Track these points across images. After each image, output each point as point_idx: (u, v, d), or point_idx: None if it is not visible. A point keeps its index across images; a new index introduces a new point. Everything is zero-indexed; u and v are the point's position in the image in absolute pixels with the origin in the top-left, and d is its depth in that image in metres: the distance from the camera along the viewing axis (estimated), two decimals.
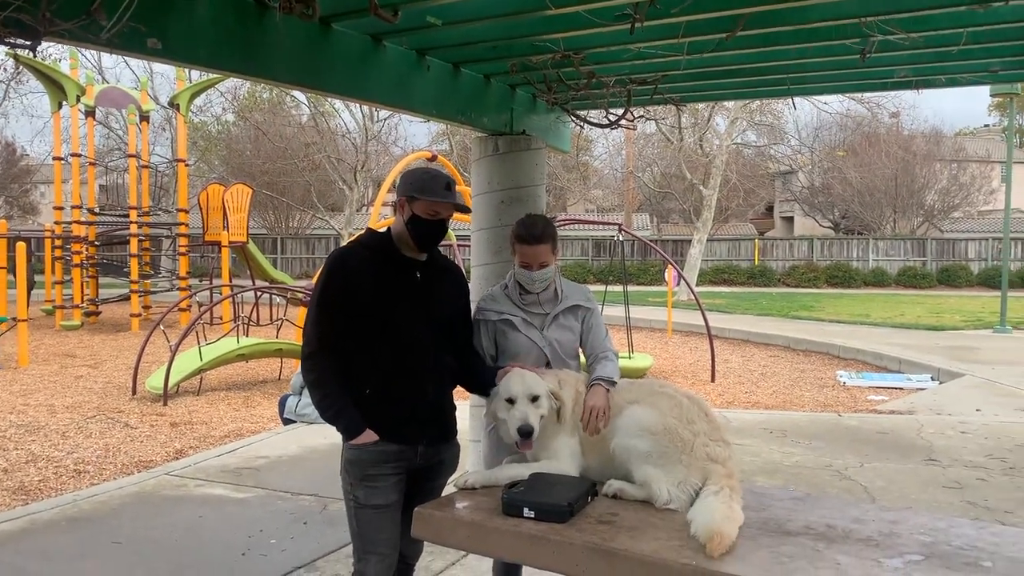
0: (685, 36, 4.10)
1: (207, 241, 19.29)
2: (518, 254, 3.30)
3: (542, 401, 3.01)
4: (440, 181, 3.03)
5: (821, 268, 33.86)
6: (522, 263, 3.29)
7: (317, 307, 3.03)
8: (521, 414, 2.96)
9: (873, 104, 28.70)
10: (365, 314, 2.99)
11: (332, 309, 3.00)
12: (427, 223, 3.03)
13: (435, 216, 3.03)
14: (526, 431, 2.95)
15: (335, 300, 3.00)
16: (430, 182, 3.02)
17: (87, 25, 2.86)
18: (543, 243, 3.26)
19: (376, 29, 4.11)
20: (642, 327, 17.17)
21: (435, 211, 3.02)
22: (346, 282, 2.99)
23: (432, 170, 3.12)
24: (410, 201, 3.02)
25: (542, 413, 3.00)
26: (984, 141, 48.06)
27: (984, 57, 4.67)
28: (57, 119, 18.94)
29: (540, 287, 3.32)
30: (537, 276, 3.28)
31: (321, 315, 3.02)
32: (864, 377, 11.95)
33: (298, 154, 33.71)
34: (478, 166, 5.54)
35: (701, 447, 2.87)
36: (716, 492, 2.71)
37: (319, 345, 3.01)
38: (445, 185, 3.02)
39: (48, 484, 6.70)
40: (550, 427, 3.03)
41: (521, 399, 2.99)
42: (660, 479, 2.81)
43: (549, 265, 3.29)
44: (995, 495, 6.07)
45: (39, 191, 49.28)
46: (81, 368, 12.67)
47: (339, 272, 3.02)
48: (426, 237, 3.06)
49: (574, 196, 44.90)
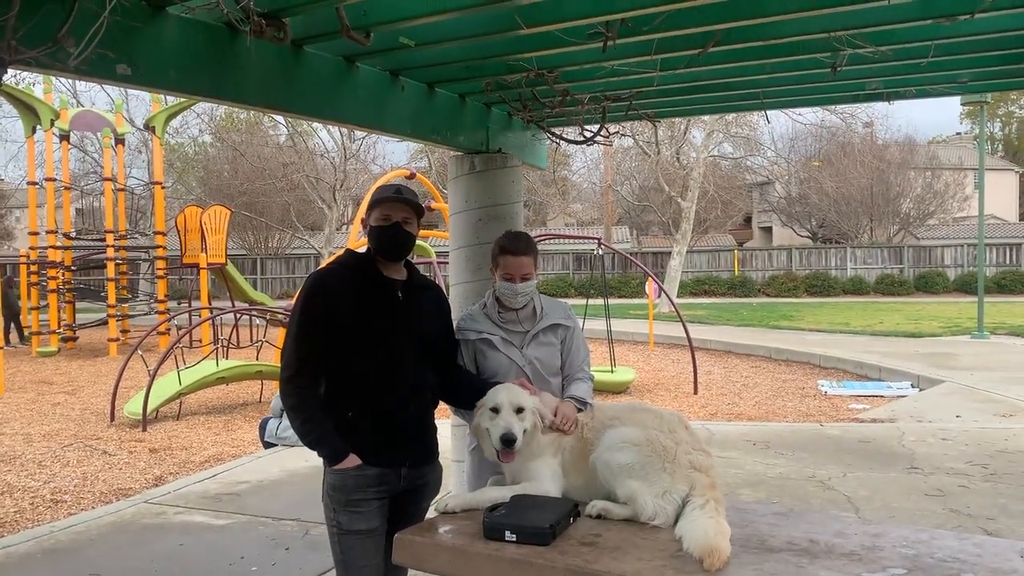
0: (658, 53, 4.13)
1: (185, 263, 19.16)
2: (501, 266, 3.27)
3: (527, 415, 2.98)
4: (389, 188, 3.07)
5: (800, 277, 34.12)
6: (505, 275, 3.26)
7: (296, 329, 2.99)
8: (505, 423, 2.93)
9: (847, 115, 29.02)
10: (346, 335, 2.96)
11: (312, 331, 2.96)
12: (382, 229, 3.02)
13: (388, 220, 3.02)
14: (509, 439, 2.91)
15: (315, 321, 2.96)
16: (379, 192, 3.09)
17: (54, 53, 2.84)
18: (527, 255, 3.26)
19: (349, 51, 4.10)
20: (624, 340, 17.21)
21: (386, 215, 3.01)
22: (326, 303, 2.96)
23: (385, 184, 3.20)
24: (368, 213, 3.07)
25: (526, 427, 2.97)
26: (957, 148, 48.73)
27: (953, 68, 4.74)
28: (31, 143, 18.78)
29: (521, 302, 3.30)
30: (520, 289, 3.26)
31: (300, 337, 2.97)
32: (845, 386, 12.02)
33: (276, 174, 33.61)
34: (455, 184, 5.54)
35: (684, 455, 2.84)
36: (702, 506, 2.69)
37: (298, 368, 2.96)
38: (395, 190, 3.05)
39: (24, 515, 6.59)
40: (532, 448, 3.00)
41: (506, 408, 2.97)
42: (643, 492, 2.77)
43: (531, 279, 3.28)
44: (977, 502, 6.09)
45: (14, 216, 48.81)
46: (58, 395, 12.50)
47: (319, 293, 2.98)
48: (386, 243, 3.04)
49: (553, 210, 45.07)
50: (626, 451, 2.85)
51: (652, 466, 2.81)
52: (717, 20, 3.71)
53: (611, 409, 3.15)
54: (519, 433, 2.93)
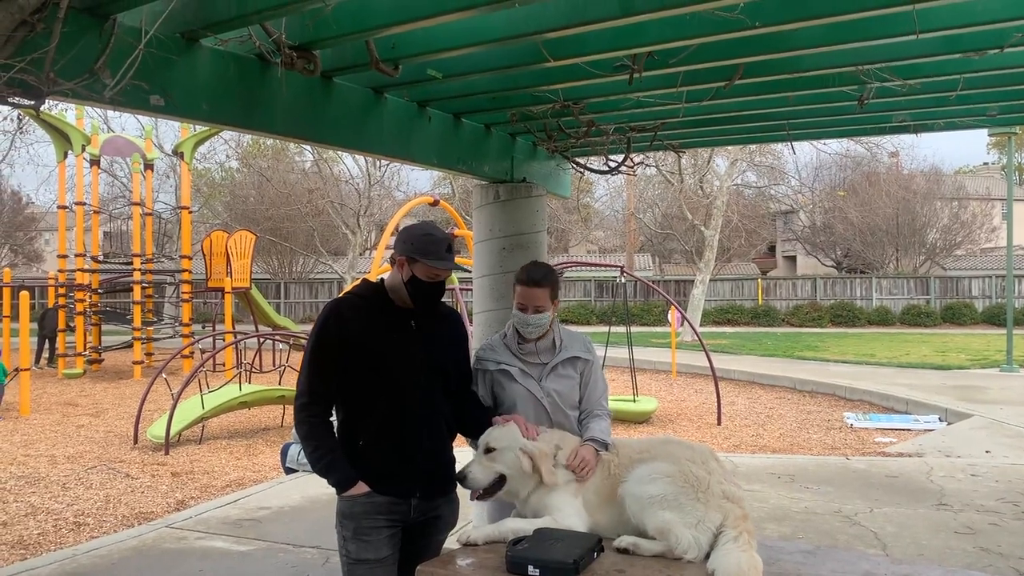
0: (683, 85, 4.14)
1: (210, 287, 19.33)
2: (517, 295, 3.28)
3: (502, 455, 2.99)
4: (442, 245, 2.98)
5: (825, 307, 33.78)
6: (519, 305, 3.27)
7: (310, 358, 3.01)
8: (467, 463, 3.02)
9: (872, 144, 28.97)
10: (359, 364, 2.97)
11: (325, 360, 2.98)
12: (427, 285, 3.01)
13: (435, 279, 3.01)
14: (459, 478, 3.03)
15: (328, 351, 2.97)
16: (432, 245, 2.96)
17: (90, 84, 2.89)
18: (541, 287, 3.24)
19: (377, 82, 4.15)
20: (646, 368, 17.11)
21: (435, 274, 3.00)
22: (340, 332, 2.97)
23: (432, 231, 3.03)
24: (410, 262, 2.98)
25: (499, 469, 2.99)
26: (984, 179, 48.28)
27: (981, 102, 4.70)
28: (62, 168, 19.11)
29: (535, 333, 3.29)
30: (532, 320, 3.25)
31: (313, 366, 2.99)
32: (871, 419, 11.85)
33: (301, 199, 33.94)
34: (479, 213, 5.56)
35: (717, 484, 2.82)
36: (735, 538, 2.66)
37: (310, 398, 2.99)
38: (447, 248, 2.99)
39: (47, 537, 6.62)
40: (531, 485, 3.00)
41: (480, 449, 3.05)
42: (677, 523, 2.72)
43: (545, 311, 3.26)
44: (1008, 540, 5.96)
45: (44, 239, 49.59)
46: (83, 417, 12.61)
47: (333, 323, 2.99)
48: (426, 298, 3.04)
49: (576, 238, 45.11)
50: (658, 482, 2.83)
51: (686, 496, 2.78)
52: (743, 53, 3.72)
53: (639, 443, 3.13)
54: (477, 475, 3.00)
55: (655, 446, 3.04)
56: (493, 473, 2.97)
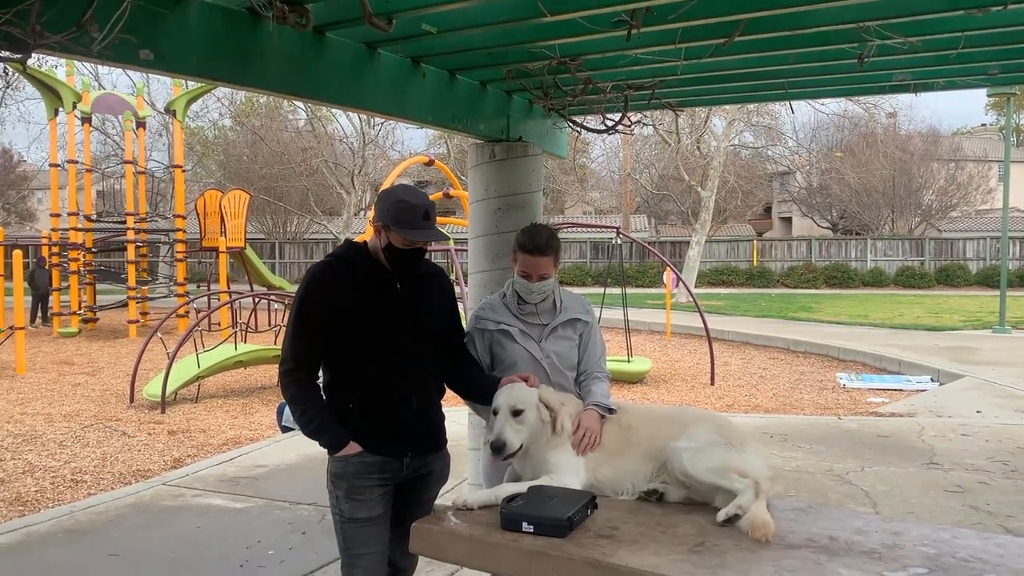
0: (682, 42, 4.07)
1: (205, 247, 19.26)
2: (519, 263, 3.25)
3: (527, 416, 2.94)
4: (418, 212, 2.89)
5: (820, 269, 33.86)
6: (522, 272, 3.24)
7: (293, 323, 2.98)
8: (497, 429, 2.92)
9: (870, 105, 28.74)
10: (344, 328, 2.94)
11: (309, 327, 2.95)
12: (403, 252, 2.96)
13: (411, 246, 2.96)
14: (496, 447, 2.91)
15: (311, 315, 2.95)
16: (407, 214, 2.89)
17: (78, 37, 2.83)
18: (545, 255, 3.21)
19: (370, 37, 4.07)
20: (641, 330, 17.17)
21: (411, 243, 2.95)
22: (323, 297, 2.95)
23: (407, 198, 2.94)
24: (386, 229, 2.93)
25: (525, 429, 2.94)
26: (981, 140, 48.04)
27: (982, 60, 4.65)
28: (53, 125, 18.92)
29: (538, 299, 3.27)
30: (536, 288, 3.24)
31: (298, 332, 2.97)
32: (864, 379, 11.93)
33: (295, 159, 33.70)
34: (475, 173, 5.51)
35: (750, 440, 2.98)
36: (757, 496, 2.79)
37: (295, 363, 2.97)
38: (423, 215, 2.90)
39: (45, 495, 6.67)
40: (550, 442, 2.99)
41: (503, 412, 2.94)
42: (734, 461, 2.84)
43: (549, 278, 3.24)
44: (997, 499, 6.04)
45: (36, 197, 49.24)
46: (79, 376, 12.63)
47: (315, 287, 2.97)
48: (403, 264, 3.00)
49: (571, 198, 44.93)
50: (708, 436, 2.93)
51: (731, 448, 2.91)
52: (744, 9, 3.65)
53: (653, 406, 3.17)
54: (513, 439, 2.91)
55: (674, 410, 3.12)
56: (524, 434, 2.94)
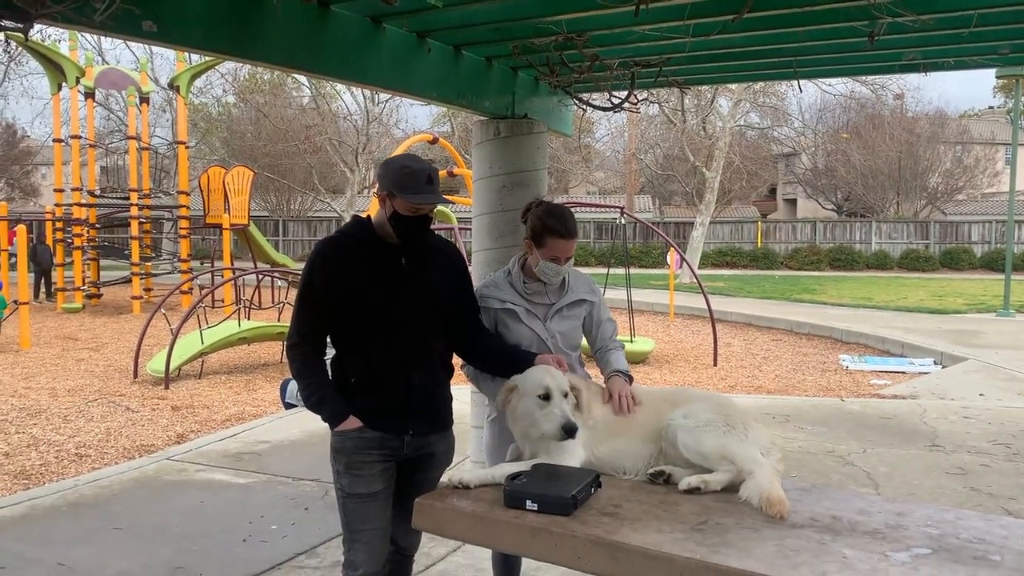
0: (690, 18, 4.02)
1: (208, 223, 19.25)
2: (549, 247, 3.19)
3: (570, 397, 2.95)
4: (420, 177, 2.88)
5: (824, 251, 33.77)
6: (552, 257, 3.20)
7: (299, 300, 3.00)
8: (562, 412, 2.87)
9: (877, 86, 28.45)
10: (348, 306, 2.94)
11: (314, 304, 2.96)
12: (410, 220, 2.94)
13: (417, 213, 2.93)
14: (571, 428, 2.85)
15: (316, 291, 2.95)
16: (410, 179, 2.88)
17: (80, 7, 2.80)
18: (576, 237, 3.25)
19: (375, 11, 4.03)
20: (644, 310, 17.15)
21: (416, 208, 2.91)
22: (327, 272, 2.94)
23: (410, 163, 2.93)
24: (391, 197, 2.91)
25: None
26: (989, 123, 47.79)
27: (994, 39, 4.59)
28: (57, 101, 18.84)
29: (559, 280, 3.28)
30: (564, 270, 3.25)
31: (303, 308, 2.99)
32: (867, 361, 11.93)
33: (299, 136, 33.54)
34: (479, 150, 5.47)
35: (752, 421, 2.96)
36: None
37: (300, 338, 2.99)
38: (426, 179, 2.89)
39: (49, 468, 6.70)
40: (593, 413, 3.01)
41: (557, 395, 2.89)
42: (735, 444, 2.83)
43: (572, 257, 3.26)
44: (999, 481, 6.04)
45: (40, 173, 49.22)
46: (83, 351, 12.67)
47: (320, 263, 2.96)
48: (409, 232, 2.97)
49: (576, 178, 44.78)
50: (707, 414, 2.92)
51: (734, 427, 2.90)
52: None
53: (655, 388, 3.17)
54: (575, 420, 2.88)
55: (679, 391, 3.12)
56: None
